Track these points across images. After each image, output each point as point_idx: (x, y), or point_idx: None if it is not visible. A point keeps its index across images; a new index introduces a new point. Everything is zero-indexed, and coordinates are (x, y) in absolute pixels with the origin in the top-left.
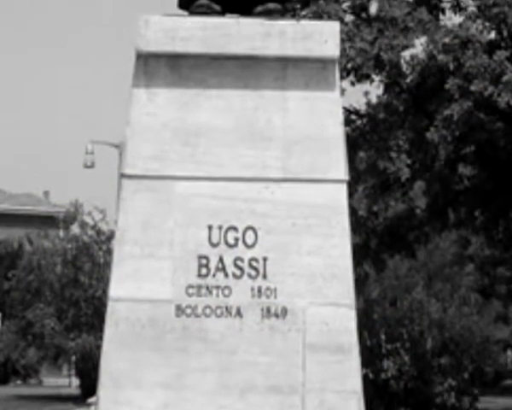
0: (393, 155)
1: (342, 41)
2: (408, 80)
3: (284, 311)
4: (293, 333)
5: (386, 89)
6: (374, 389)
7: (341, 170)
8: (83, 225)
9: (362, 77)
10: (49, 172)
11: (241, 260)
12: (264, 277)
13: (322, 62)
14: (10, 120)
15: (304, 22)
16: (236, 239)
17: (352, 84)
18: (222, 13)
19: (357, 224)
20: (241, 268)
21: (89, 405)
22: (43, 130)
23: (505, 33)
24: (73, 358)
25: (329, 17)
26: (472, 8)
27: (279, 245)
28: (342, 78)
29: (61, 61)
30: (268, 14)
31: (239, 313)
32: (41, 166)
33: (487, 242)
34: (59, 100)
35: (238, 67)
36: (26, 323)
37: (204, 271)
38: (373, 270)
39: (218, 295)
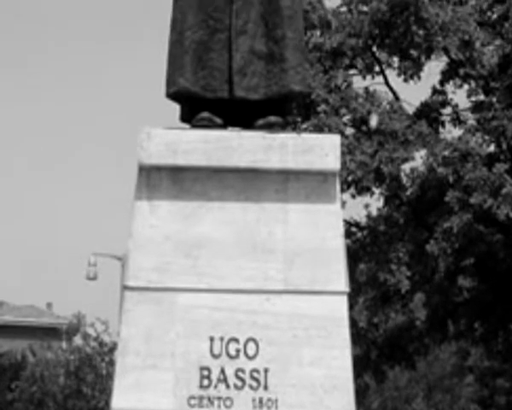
0: (393, 267)
1: (343, 154)
2: (408, 193)
3: None
4: None
5: (387, 201)
6: None
7: (342, 282)
8: (85, 336)
9: (362, 189)
10: (51, 284)
11: (243, 371)
12: (266, 388)
13: (323, 175)
14: (12, 231)
15: (305, 135)
16: (238, 350)
17: (353, 196)
18: (223, 126)
19: (357, 335)
20: (242, 379)
21: None
22: (45, 242)
23: (504, 146)
24: None
25: (330, 130)
26: (471, 122)
27: (280, 356)
28: (343, 190)
29: (63, 174)
30: (269, 127)
31: None
32: (43, 278)
33: (487, 353)
34: (61, 212)
35: (240, 180)
36: None
37: (206, 382)
38: (373, 381)
39: (219, 407)
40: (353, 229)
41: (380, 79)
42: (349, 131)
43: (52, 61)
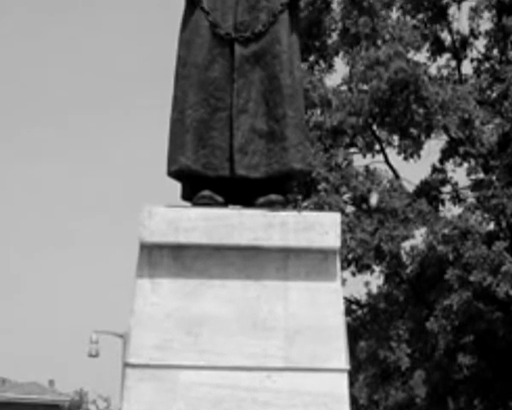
0: (394, 344)
1: (343, 232)
2: (408, 271)
3: None
4: None
5: (387, 279)
6: None
7: (342, 359)
8: None
9: (362, 267)
10: (53, 361)
11: None
12: None
13: (324, 253)
14: (14, 309)
15: (305, 213)
16: None
17: (353, 274)
18: (224, 204)
19: None
20: None
21: None
22: (47, 319)
23: (504, 224)
24: None
25: (330, 208)
26: (471, 200)
27: None
28: (343, 268)
29: (65, 251)
30: (270, 205)
31: None
32: (46, 355)
33: None
34: (62, 290)
35: (240, 258)
36: None
37: None
38: None
39: None
40: (354, 306)
41: (380, 157)
42: (349, 209)
43: (52, 138)
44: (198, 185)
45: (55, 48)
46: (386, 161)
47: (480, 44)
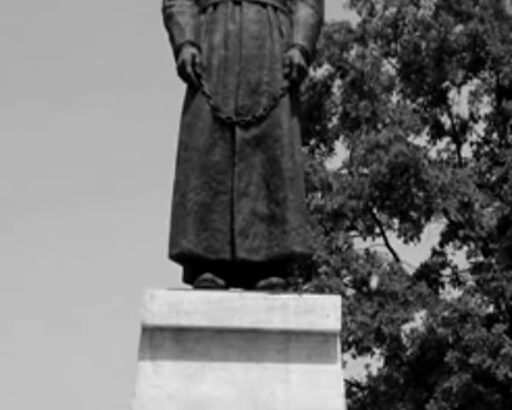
0: None
1: (343, 314)
2: (408, 353)
3: None
4: None
5: (387, 361)
6: None
7: None
8: None
9: (363, 350)
10: None
11: None
12: None
13: (324, 336)
14: (16, 393)
15: (306, 296)
16: None
17: (354, 356)
18: (225, 286)
19: None
20: None
21: None
22: (49, 404)
23: (503, 307)
24: None
25: (331, 291)
26: (471, 283)
27: None
28: (343, 350)
29: (65, 337)
30: (271, 288)
31: None
32: None
33: None
34: (64, 372)
35: (242, 340)
36: None
37: None
38: None
39: None
40: (354, 389)
41: (380, 240)
42: (350, 292)
43: (52, 228)
44: (199, 268)
45: (55, 138)
46: (387, 244)
47: (480, 128)
